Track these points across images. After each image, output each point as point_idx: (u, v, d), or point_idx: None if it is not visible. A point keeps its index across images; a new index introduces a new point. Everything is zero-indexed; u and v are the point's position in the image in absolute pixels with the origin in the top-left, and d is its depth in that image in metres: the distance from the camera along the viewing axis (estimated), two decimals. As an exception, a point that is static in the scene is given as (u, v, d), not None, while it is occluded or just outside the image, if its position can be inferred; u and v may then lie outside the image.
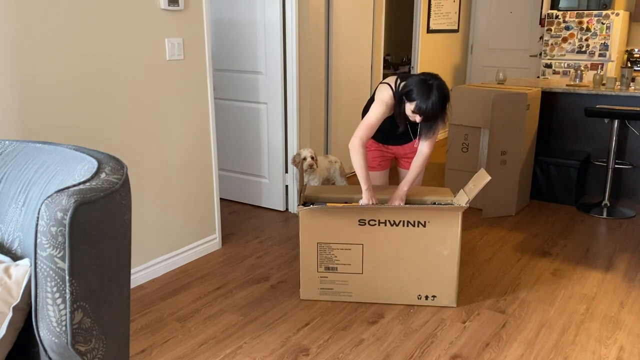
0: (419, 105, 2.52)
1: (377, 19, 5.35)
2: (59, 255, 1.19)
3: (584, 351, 2.44)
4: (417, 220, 2.68)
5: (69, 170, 1.44)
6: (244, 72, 4.14)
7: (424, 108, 2.52)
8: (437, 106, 2.52)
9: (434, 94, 2.51)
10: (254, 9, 3.95)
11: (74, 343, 1.22)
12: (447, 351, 2.44)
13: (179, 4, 2.98)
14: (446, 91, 2.55)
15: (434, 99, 2.51)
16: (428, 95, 2.51)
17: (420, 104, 2.52)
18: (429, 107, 2.51)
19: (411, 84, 2.56)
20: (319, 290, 2.84)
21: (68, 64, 2.54)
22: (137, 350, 2.45)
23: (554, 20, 6.19)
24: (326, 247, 2.76)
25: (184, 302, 2.87)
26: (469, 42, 7.33)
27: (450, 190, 2.92)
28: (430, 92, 2.51)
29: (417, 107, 2.53)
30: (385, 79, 2.76)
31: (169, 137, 3.10)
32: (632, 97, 4.34)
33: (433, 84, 2.53)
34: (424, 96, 2.51)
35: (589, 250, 3.54)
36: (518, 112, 3.95)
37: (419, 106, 2.52)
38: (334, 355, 2.41)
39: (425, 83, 2.53)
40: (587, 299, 2.90)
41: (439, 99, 2.51)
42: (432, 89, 2.51)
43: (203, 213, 3.42)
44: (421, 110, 2.53)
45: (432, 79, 2.55)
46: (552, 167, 4.44)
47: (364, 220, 2.70)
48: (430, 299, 2.81)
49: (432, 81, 2.54)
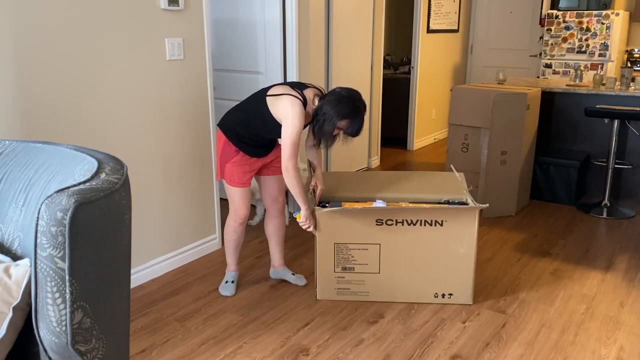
0: (353, 126, 2.54)
1: (377, 19, 5.35)
2: (59, 255, 1.19)
3: (584, 351, 2.44)
4: (434, 220, 2.70)
5: (69, 170, 1.44)
6: (244, 72, 4.14)
7: (357, 127, 2.55)
8: (362, 128, 2.57)
9: (362, 114, 2.55)
10: (254, 9, 3.95)
11: (74, 343, 1.22)
12: (447, 351, 2.44)
13: (179, 4, 2.98)
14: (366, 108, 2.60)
15: (363, 120, 2.56)
16: (360, 115, 2.54)
17: (354, 124, 2.53)
18: (359, 127, 2.55)
19: (343, 101, 2.51)
20: (336, 291, 2.85)
21: (68, 64, 2.54)
22: (137, 350, 2.45)
23: (554, 20, 6.19)
24: (343, 247, 2.77)
25: (184, 302, 2.87)
26: (469, 42, 7.33)
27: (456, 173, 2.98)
28: (360, 112, 2.54)
29: (350, 126, 2.54)
30: (275, 90, 2.60)
31: (169, 137, 3.10)
32: (632, 97, 4.34)
33: (361, 103, 2.55)
34: (357, 116, 2.53)
35: (589, 250, 3.54)
36: (518, 112, 3.95)
37: (353, 126, 2.54)
38: (334, 355, 2.41)
39: (355, 102, 2.53)
40: (587, 299, 2.90)
41: (363, 120, 2.57)
42: (362, 108, 2.54)
43: (203, 213, 3.42)
44: (354, 129, 2.55)
45: (358, 96, 2.56)
46: (552, 167, 4.44)
47: (381, 220, 2.71)
48: (447, 297, 2.82)
49: (359, 99, 2.55)
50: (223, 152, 2.73)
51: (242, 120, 2.67)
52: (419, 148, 6.56)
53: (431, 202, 2.89)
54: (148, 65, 2.90)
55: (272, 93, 2.60)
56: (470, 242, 2.73)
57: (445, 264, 2.77)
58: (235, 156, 2.71)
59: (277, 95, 2.57)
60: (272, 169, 2.87)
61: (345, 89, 2.57)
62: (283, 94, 2.56)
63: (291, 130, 2.53)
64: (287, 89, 2.58)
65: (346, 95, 2.53)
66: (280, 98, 2.56)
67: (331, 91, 2.58)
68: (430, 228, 2.72)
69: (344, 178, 3.07)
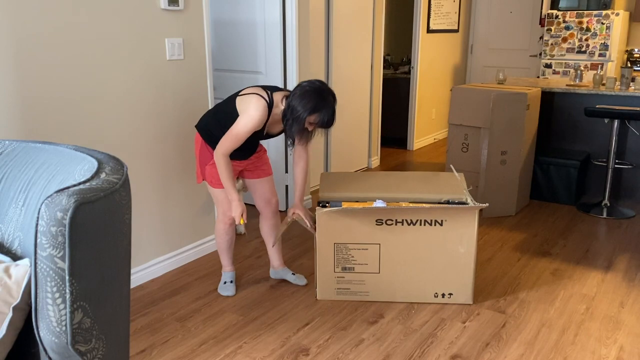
0: (322, 117, 2.48)
1: (377, 19, 5.35)
2: (59, 255, 1.19)
3: (584, 351, 2.44)
4: (434, 219, 2.70)
5: (69, 170, 1.44)
6: (244, 72, 4.14)
7: (327, 119, 2.49)
8: (335, 114, 2.52)
9: (331, 103, 2.49)
10: (254, 9, 3.95)
11: (74, 343, 1.22)
12: (447, 351, 2.44)
13: (179, 4, 2.98)
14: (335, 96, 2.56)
15: (333, 107, 2.50)
16: (328, 105, 2.48)
17: (323, 115, 2.47)
18: (329, 117, 2.49)
19: (307, 95, 2.47)
20: (336, 291, 2.85)
21: (68, 64, 2.55)
22: (137, 350, 2.45)
23: (554, 20, 6.19)
24: (343, 247, 2.77)
25: (184, 302, 2.87)
26: (469, 42, 7.33)
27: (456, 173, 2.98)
28: (328, 101, 2.48)
29: (320, 118, 2.48)
30: (245, 91, 2.60)
31: (169, 136, 3.10)
32: (632, 97, 4.34)
33: (327, 93, 2.50)
34: (325, 107, 2.47)
35: (589, 250, 3.54)
36: (518, 112, 3.95)
37: (323, 118, 2.48)
38: (334, 355, 2.41)
39: (321, 93, 2.47)
40: (587, 299, 2.90)
41: (334, 106, 2.51)
42: (329, 97, 2.49)
43: (203, 213, 3.42)
44: (324, 121, 2.49)
45: (324, 86, 2.51)
46: (552, 167, 4.44)
47: (381, 220, 2.72)
48: (447, 297, 2.83)
49: (325, 89, 2.50)
50: (201, 154, 2.73)
51: (216, 122, 2.66)
52: (419, 148, 6.56)
53: (431, 202, 2.89)
54: (148, 65, 2.90)
55: (243, 93, 2.59)
56: (470, 242, 2.73)
57: (445, 263, 2.77)
58: (213, 157, 2.70)
59: (246, 94, 2.57)
60: (256, 172, 2.87)
61: (310, 81, 2.52)
62: (251, 93, 2.55)
63: (243, 123, 2.50)
64: (257, 89, 2.57)
65: (310, 88, 2.48)
66: (247, 96, 2.55)
67: (296, 87, 2.53)
68: (430, 228, 2.72)
69: (344, 178, 3.07)
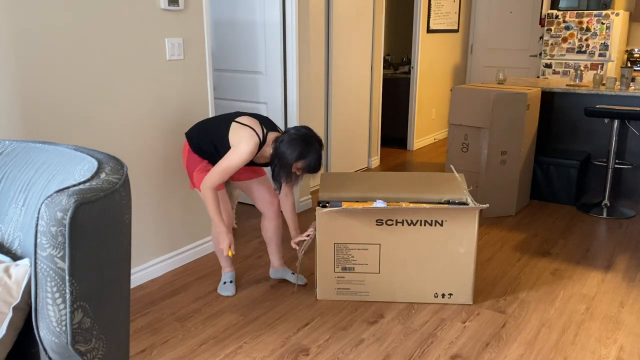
0: (309, 163, 2.54)
1: (377, 19, 5.35)
2: (59, 255, 1.19)
3: (584, 351, 2.44)
4: (434, 220, 2.70)
5: (69, 170, 1.44)
6: (244, 72, 4.14)
7: (313, 164, 2.55)
8: (321, 159, 2.57)
9: (317, 148, 2.55)
10: (254, 9, 3.95)
11: (74, 343, 1.22)
12: (447, 351, 2.44)
13: (179, 4, 2.98)
14: (321, 142, 2.62)
15: (319, 153, 2.56)
16: (314, 150, 2.54)
17: (309, 161, 2.54)
18: (315, 163, 2.55)
19: (294, 142, 2.53)
20: (336, 291, 2.85)
21: (68, 64, 2.55)
22: (137, 350, 2.45)
23: (554, 20, 6.19)
24: (343, 247, 2.77)
25: (184, 302, 2.87)
26: (469, 42, 7.33)
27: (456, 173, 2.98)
28: (314, 147, 2.55)
29: (306, 164, 2.54)
30: (242, 119, 2.62)
31: (169, 136, 3.10)
32: (632, 97, 4.34)
33: (314, 139, 2.56)
34: (311, 152, 2.53)
35: (589, 250, 3.54)
36: (518, 112, 3.95)
37: (309, 163, 2.54)
38: (334, 355, 2.41)
39: (307, 140, 2.54)
40: (587, 299, 2.90)
41: (320, 152, 2.57)
42: (315, 143, 2.55)
43: (203, 213, 3.42)
44: (310, 166, 2.55)
45: (310, 132, 2.57)
46: (552, 167, 4.44)
47: (382, 220, 2.72)
48: (447, 297, 2.83)
49: (311, 135, 2.56)
50: (188, 161, 2.76)
51: (207, 138, 2.68)
52: (419, 148, 6.56)
53: (431, 202, 2.89)
54: (148, 65, 2.90)
55: (240, 121, 2.62)
56: (470, 242, 2.73)
57: (445, 264, 2.77)
58: (200, 164, 2.74)
59: (243, 124, 2.60)
60: (246, 173, 2.88)
61: (297, 127, 2.59)
62: (247, 126, 2.58)
63: (232, 158, 2.55)
64: (254, 123, 2.60)
65: (296, 136, 2.54)
66: (242, 128, 2.59)
67: (283, 133, 2.59)
68: (430, 228, 2.72)
69: (344, 178, 3.07)
